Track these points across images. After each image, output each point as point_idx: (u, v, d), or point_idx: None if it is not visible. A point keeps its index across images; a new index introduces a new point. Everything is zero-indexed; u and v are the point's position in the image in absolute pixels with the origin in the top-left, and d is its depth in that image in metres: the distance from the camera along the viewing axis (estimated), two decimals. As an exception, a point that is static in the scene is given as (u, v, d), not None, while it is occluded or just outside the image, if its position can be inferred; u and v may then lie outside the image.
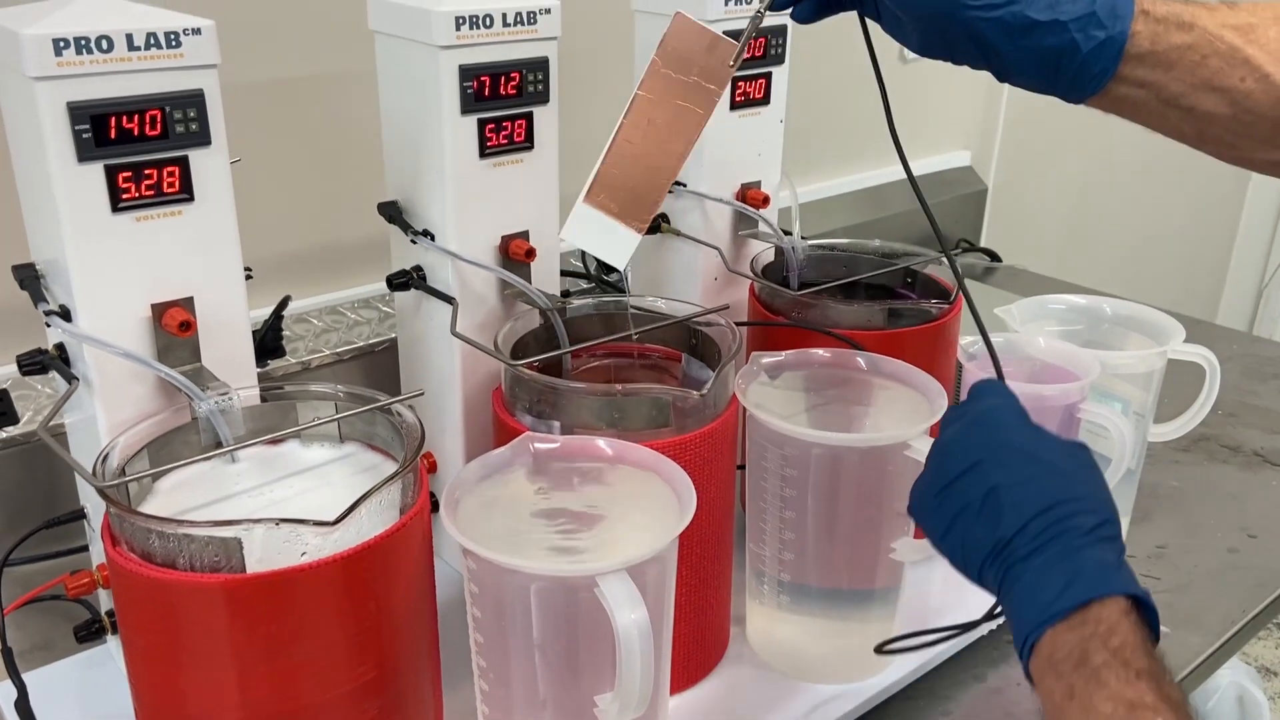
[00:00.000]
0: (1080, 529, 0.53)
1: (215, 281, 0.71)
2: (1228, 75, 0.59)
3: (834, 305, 0.89)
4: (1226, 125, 0.61)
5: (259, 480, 0.68)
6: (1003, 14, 0.59)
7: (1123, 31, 0.59)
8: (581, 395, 0.73)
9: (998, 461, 0.57)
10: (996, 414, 0.60)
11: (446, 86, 0.78)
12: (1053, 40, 0.59)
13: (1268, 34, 0.59)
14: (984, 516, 0.56)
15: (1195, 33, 0.59)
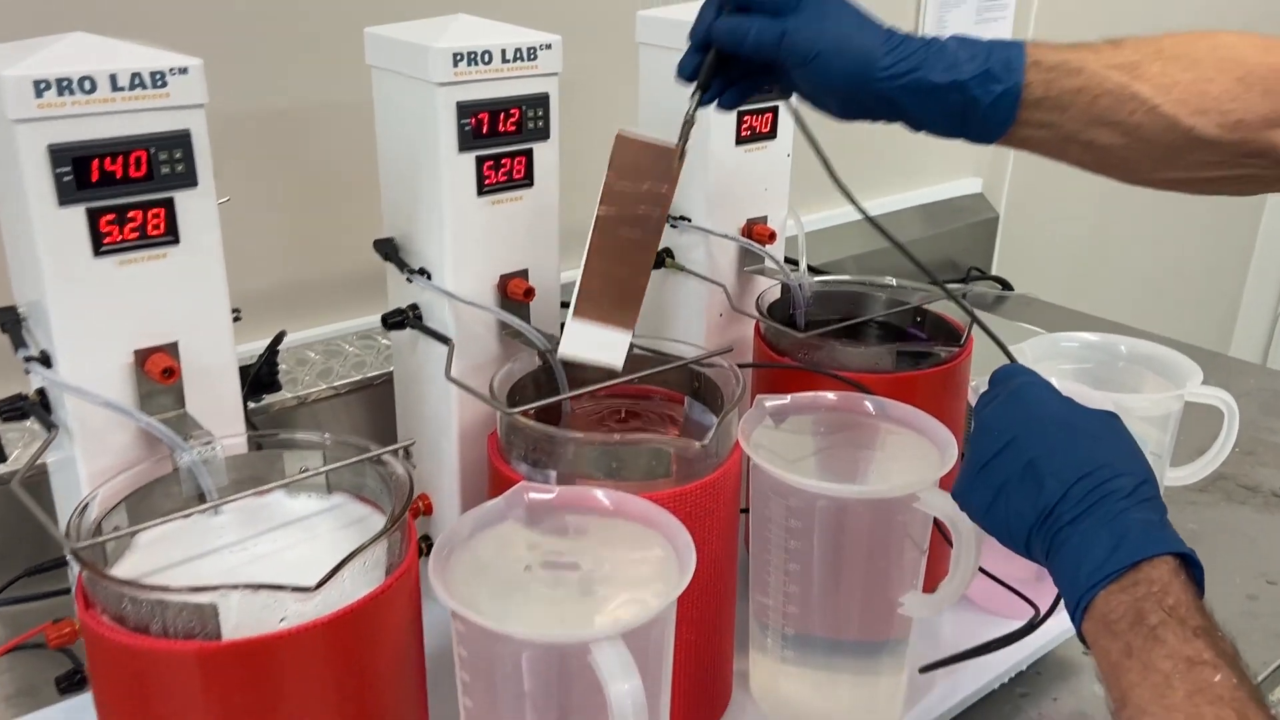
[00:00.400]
0: (1121, 491, 0.55)
1: (201, 325, 0.69)
2: (1118, 111, 0.64)
3: (841, 347, 0.86)
4: (1122, 154, 0.66)
5: (242, 533, 0.65)
6: (907, 81, 0.64)
7: (1017, 83, 0.64)
8: (578, 444, 0.70)
9: (1033, 434, 0.59)
10: (1027, 390, 0.63)
11: (444, 123, 0.76)
12: (956, 98, 0.64)
13: (1151, 69, 0.64)
14: (1025, 488, 0.58)
15: (1085, 76, 0.64)
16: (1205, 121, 0.63)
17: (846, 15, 0.67)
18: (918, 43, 0.66)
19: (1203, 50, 0.65)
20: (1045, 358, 1.03)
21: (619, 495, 0.68)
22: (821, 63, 0.65)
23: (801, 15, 0.66)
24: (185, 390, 0.69)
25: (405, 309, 0.85)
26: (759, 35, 0.66)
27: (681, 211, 0.98)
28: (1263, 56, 0.64)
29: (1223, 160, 0.65)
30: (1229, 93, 0.63)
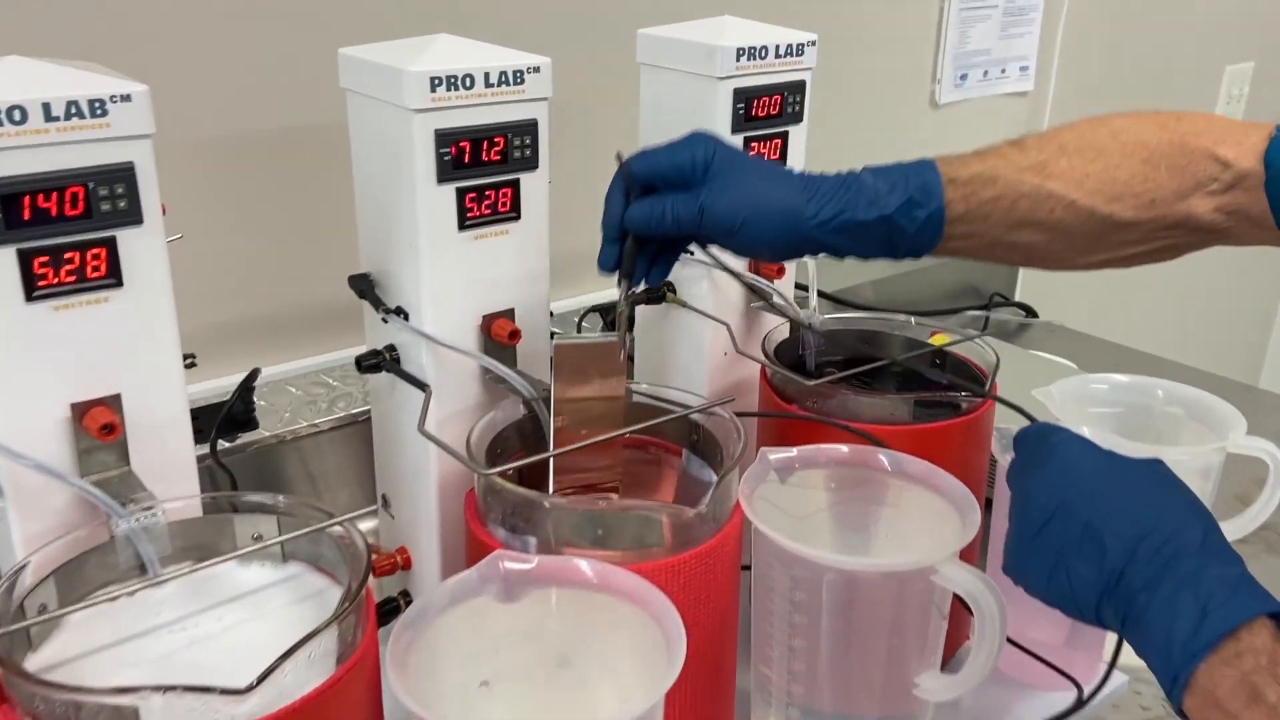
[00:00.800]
0: (1191, 546, 0.52)
1: (148, 375, 0.63)
2: (1038, 211, 0.66)
3: (854, 396, 0.79)
4: (1047, 248, 0.68)
5: (185, 609, 0.59)
6: (836, 225, 0.66)
7: (939, 206, 0.66)
8: (560, 510, 0.64)
9: (1083, 494, 0.57)
10: (1064, 447, 0.60)
11: (420, 152, 0.70)
12: (883, 229, 0.67)
13: (1059, 166, 0.66)
14: (1086, 554, 0.55)
15: (1000, 184, 0.66)
16: (1122, 206, 0.66)
17: (759, 174, 0.67)
18: (834, 182, 0.67)
19: (1104, 138, 0.67)
20: (1073, 401, 0.96)
21: (604, 568, 0.61)
22: (748, 229, 0.66)
23: (715, 185, 0.66)
24: (130, 447, 0.63)
25: (381, 350, 0.79)
26: (678, 215, 0.66)
27: (688, 244, 0.91)
28: (1161, 134, 0.66)
29: (1142, 237, 0.68)
30: (1138, 175, 0.65)
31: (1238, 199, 0.66)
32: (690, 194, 0.67)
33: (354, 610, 0.54)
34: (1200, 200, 0.66)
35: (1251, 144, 0.66)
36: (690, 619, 0.65)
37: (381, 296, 0.78)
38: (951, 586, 0.65)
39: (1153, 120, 0.68)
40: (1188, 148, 0.66)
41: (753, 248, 0.68)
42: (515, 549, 0.65)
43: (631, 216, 0.68)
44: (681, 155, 0.67)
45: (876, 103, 1.54)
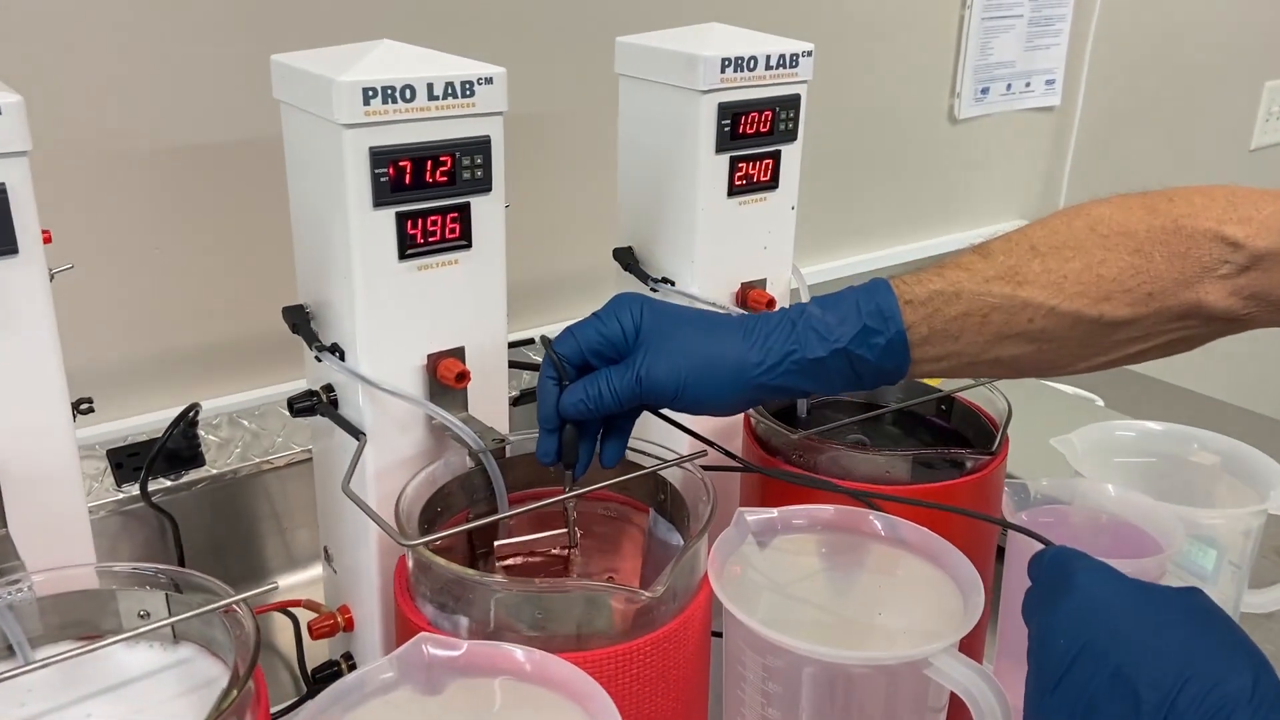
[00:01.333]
0: (1240, 696, 0.46)
1: (27, 423, 0.55)
2: (1014, 323, 0.59)
3: (846, 452, 0.70)
4: (1035, 358, 0.61)
5: (58, 699, 0.51)
6: (787, 367, 0.60)
7: (899, 330, 0.60)
8: (491, 590, 0.55)
9: (1112, 636, 0.50)
10: (1087, 578, 0.53)
11: (352, 173, 0.62)
12: (841, 363, 0.60)
13: (1031, 270, 0.59)
14: (1117, 704, 0.48)
15: (965, 299, 0.59)
16: (1113, 306, 0.58)
17: (695, 328, 0.62)
18: (777, 321, 0.61)
19: (1081, 233, 0.60)
20: (1097, 450, 0.87)
21: (539, 656, 0.53)
22: (691, 389, 0.60)
23: (649, 350, 0.61)
24: (6, 505, 0.55)
25: (318, 391, 0.71)
26: (616, 391, 0.61)
27: (664, 273, 0.83)
28: (1149, 220, 0.59)
29: (1148, 333, 0.60)
30: (1128, 269, 0.58)
31: (1257, 282, 0.58)
32: (625, 365, 0.61)
33: (240, 705, 0.46)
34: (1211, 287, 0.58)
35: (1266, 217, 0.57)
36: (647, 708, 0.57)
37: (317, 331, 0.70)
38: (947, 684, 0.56)
39: (1139, 204, 0.60)
40: (1184, 231, 0.58)
41: (702, 406, 0.61)
42: (444, 630, 0.57)
43: (567, 403, 0.62)
44: (609, 326, 0.62)
45: (890, 117, 1.45)
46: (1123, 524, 0.76)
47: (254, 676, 0.50)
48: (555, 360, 0.62)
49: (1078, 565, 0.53)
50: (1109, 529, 0.77)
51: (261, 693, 0.50)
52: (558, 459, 0.64)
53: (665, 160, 0.80)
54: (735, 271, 0.83)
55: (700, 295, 0.81)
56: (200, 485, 0.94)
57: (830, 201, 1.41)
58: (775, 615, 0.65)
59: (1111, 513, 0.77)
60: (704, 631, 0.61)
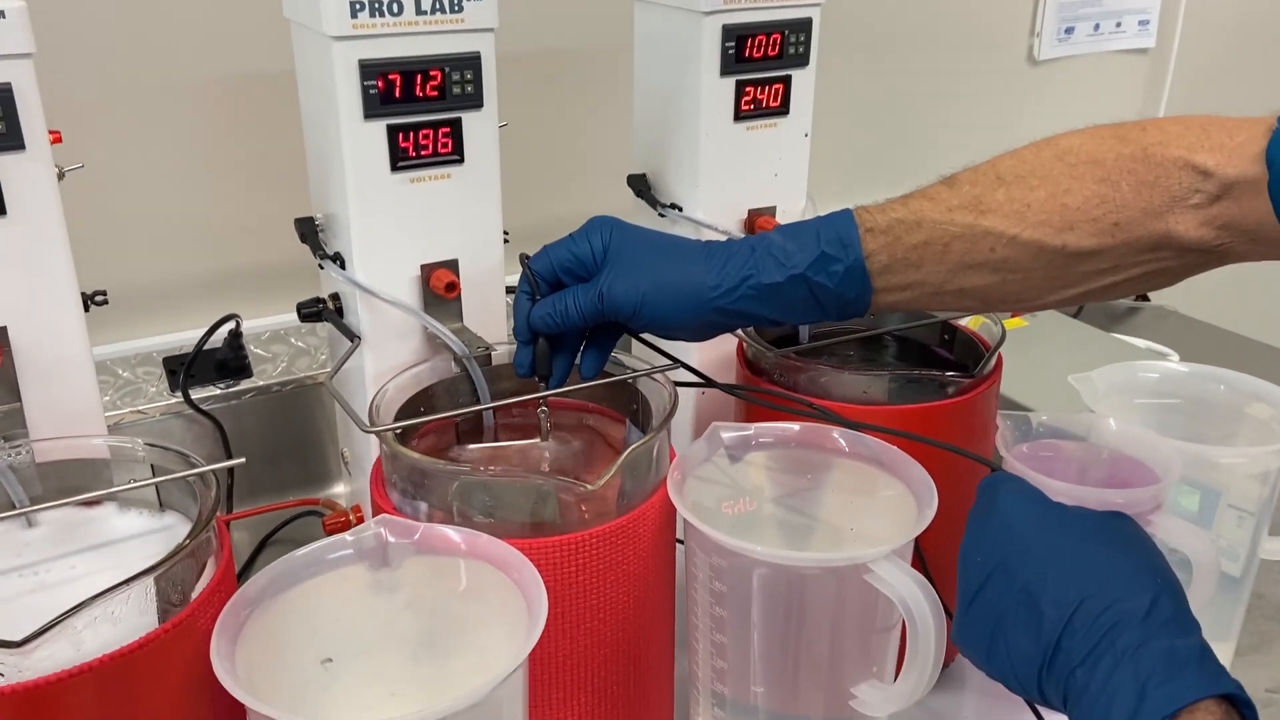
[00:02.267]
0: (1134, 615, 0.47)
1: (40, 308, 0.61)
2: (976, 252, 0.59)
3: (830, 371, 0.71)
4: (1001, 289, 0.60)
5: (49, 552, 0.57)
6: (745, 290, 0.61)
7: (857, 258, 0.60)
8: (446, 477, 0.58)
9: (1023, 555, 0.51)
10: (1009, 504, 0.54)
11: (343, 85, 0.65)
12: (800, 290, 0.60)
13: (994, 199, 0.58)
14: (1023, 622, 0.49)
15: (926, 228, 0.59)
16: (1076, 236, 0.57)
17: (658, 249, 0.63)
18: (739, 247, 0.62)
19: (1048, 162, 0.59)
20: (1116, 391, 0.84)
21: (478, 539, 0.56)
22: (649, 306, 0.61)
23: (613, 269, 0.62)
24: (21, 384, 0.61)
25: (325, 299, 0.75)
26: (580, 307, 0.63)
27: (672, 199, 0.84)
28: (1118, 148, 0.57)
29: (1115, 265, 0.58)
30: (1093, 198, 0.57)
31: (1229, 211, 0.55)
32: (591, 282, 0.63)
33: (182, 563, 0.50)
34: (1181, 217, 0.56)
35: (1239, 144, 0.55)
36: (595, 598, 0.59)
37: (324, 241, 0.74)
38: (883, 588, 0.56)
39: (1110, 134, 0.59)
40: (1154, 159, 0.56)
41: (659, 326, 0.63)
42: (406, 514, 0.61)
43: (536, 316, 0.64)
44: (580, 246, 0.64)
45: (963, 58, 1.41)
46: (1123, 458, 0.74)
47: (216, 532, 0.54)
48: (529, 275, 0.65)
49: (1003, 487, 0.54)
50: (1108, 463, 0.75)
51: (224, 545, 0.55)
52: (531, 371, 0.66)
53: (673, 85, 0.81)
54: (743, 198, 0.84)
55: (706, 221, 0.82)
56: (249, 395, 1.00)
57: (889, 147, 1.38)
58: (742, 526, 0.66)
59: (1113, 447, 0.75)
60: (660, 531, 0.63)
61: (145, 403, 0.96)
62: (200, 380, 0.96)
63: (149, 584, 0.49)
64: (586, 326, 0.64)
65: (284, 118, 1.00)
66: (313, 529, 0.96)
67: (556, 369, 0.66)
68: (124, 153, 0.96)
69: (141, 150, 0.97)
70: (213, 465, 0.55)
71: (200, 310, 1.03)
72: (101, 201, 0.96)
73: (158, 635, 0.49)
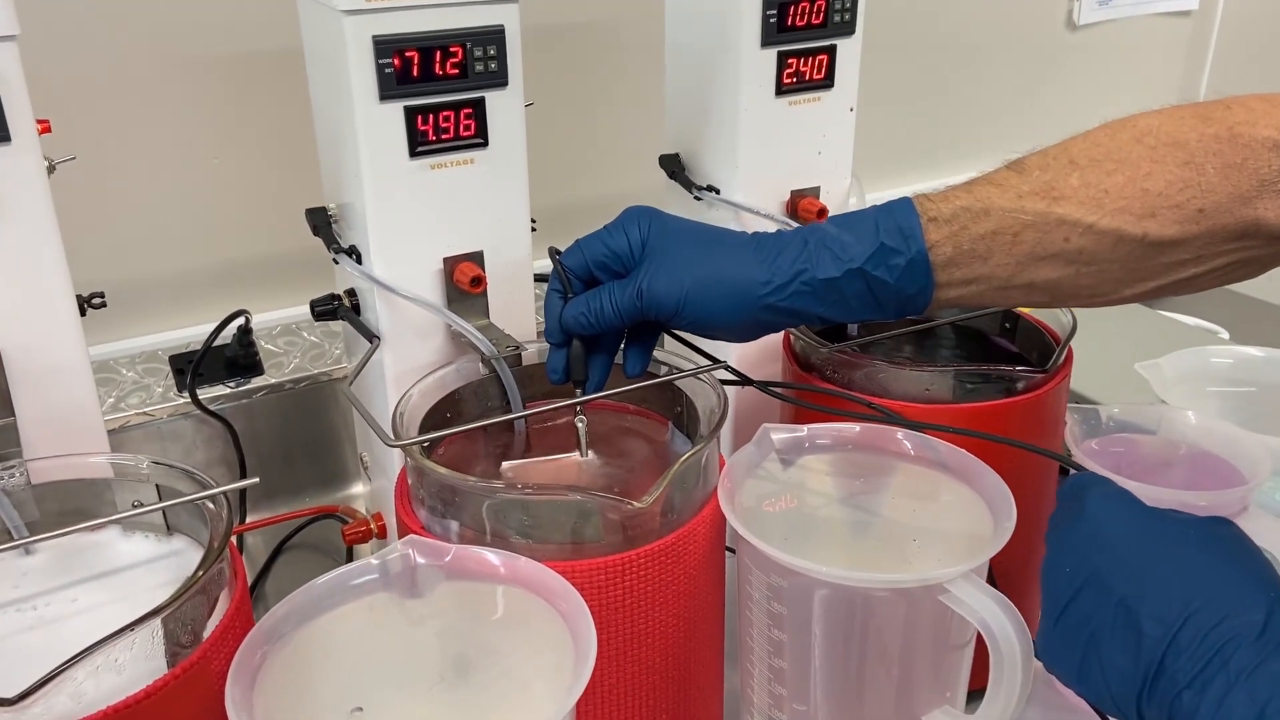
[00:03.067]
0: (1248, 633, 0.42)
1: (32, 313, 0.56)
2: (1049, 242, 0.54)
3: (887, 368, 0.65)
4: (1074, 283, 0.56)
5: (48, 583, 0.52)
6: (798, 287, 0.56)
7: (920, 250, 0.55)
8: (479, 494, 0.53)
9: (1118, 566, 0.46)
10: (1097, 506, 0.49)
11: (356, 64, 0.60)
12: (857, 285, 0.56)
13: (1069, 184, 0.54)
14: (1121, 638, 0.45)
15: (995, 216, 0.55)
16: (1159, 223, 0.53)
17: (701, 241, 0.58)
18: (790, 239, 0.57)
19: (1126, 144, 0.54)
20: (1186, 379, 0.79)
21: (517, 561, 0.51)
22: (693, 304, 0.56)
23: (653, 264, 0.57)
24: (14, 396, 0.56)
25: (340, 295, 0.70)
26: (618, 305, 0.58)
27: (709, 181, 0.78)
28: (1202, 129, 0.53)
29: (1199, 255, 0.54)
30: (1176, 183, 0.53)
31: None
32: (629, 278, 0.58)
33: (192, 599, 0.46)
34: (1271, 202, 0.51)
35: None
36: (643, 623, 0.55)
37: (338, 233, 0.69)
38: (961, 610, 0.51)
39: (1191, 113, 0.54)
40: (1241, 140, 0.52)
41: (703, 325, 0.58)
42: (435, 533, 0.56)
43: (569, 316, 0.59)
44: (615, 239, 0.58)
45: (999, 22, 1.34)
46: (1203, 454, 0.69)
47: (230, 561, 0.50)
48: (561, 273, 0.59)
49: (1092, 491, 0.49)
50: (1187, 460, 0.69)
51: (238, 573, 0.50)
52: (565, 377, 0.61)
53: (709, 58, 0.76)
54: (785, 178, 0.78)
55: (745, 203, 0.76)
56: (261, 394, 0.95)
57: (922, 116, 1.32)
58: (799, 539, 0.61)
59: (1192, 443, 0.69)
60: (710, 547, 0.58)
61: (152, 404, 0.91)
62: (209, 379, 0.91)
63: (156, 625, 0.44)
64: (624, 326, 0.59)
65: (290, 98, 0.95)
66: (330, 531, 0.91)
67: (593, 373, 0.60)
68: (118, 140, 0.91)
69: (137, 137, 0.92)
70: (224, 487, 0.50)
71: (206, 305, 0.99)
72: (95, 194, 0.91)
73: (166, 682, 0.44)
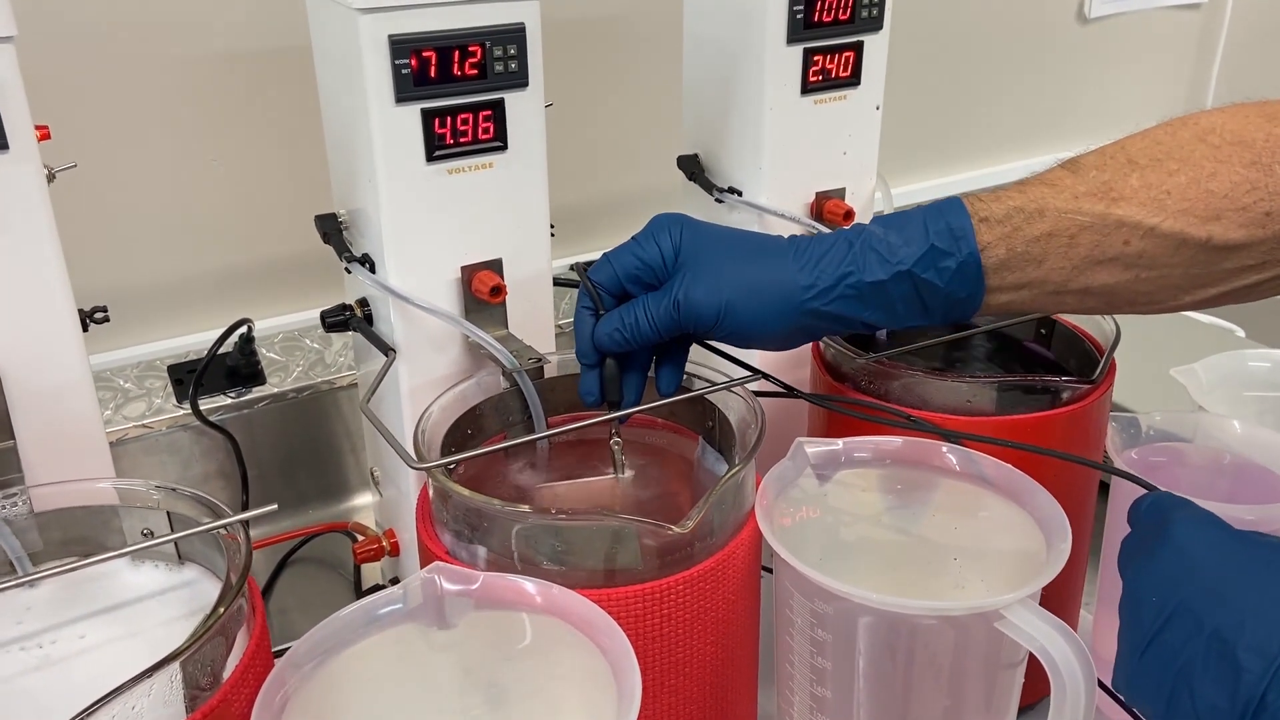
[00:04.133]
0: None
1: (32, 330, 0.53)
2: (1108, 245, 0.52)
3: (923, 378, 0.63)
4: (1131, 288, 0.54)
5: (53, 618, 0.49)
6: (843, 290, 0.54)
7: (972, 252, 0.53)
8: (510, 519, 0.51)
9: (1210, 595, 0.44)
10: (1185, 530, 0.47)
11: (371, 64, 0.57)
12: (905, 288, 0.54)
13: (1128, 185, 0.52)
14: (1215, 671, 0.43)
15: (1050, 217, 0.52)
16: (1223, 226, 0.51)
17: (738, 247, 0.55)
18: (833, 241, 0.54)
19: (1188, 143, 0.52)
20: (1225, 383, 0.77)
21: (554, 591, 0.48)
22: (734, 314, 0.54)
23: (689, 273, 0.55)
24: (14, 418, 0.53)
25: (352, 305, 0.67)
26: (654, 319, 0.55)
27: (730, 183, 0.76)
28: (1269, 128, 0.51)
29: (1265, 261, 0.52)
30: (1242, 184, 0.51)
31: None
32: (663, 290, 0.55)
33: (215, 638, 0.43)
34: None
35: None
36: (681, 651, 0.52)
37: (350, 241, 0.66)
38: (1021, 639, 0.49)
39: (1256, 112, 0.52)
40: None
41: (743, 335, 0.55)
42: (462, 560, 0.53)
43: (602, 333, 0.56)
44: (646, 249, 0.56)
45: (1010, 14, 1.32)
46: (1248, 465, 0.67)
47: (249, 595, 0.47)
48: (590, 289, 0.56)
49: (1176, 514, 0.46)
50: (1231, 471, 0.67)
51: (257, 609, 0.47)
52: (601, 398, 0.58)
53: (731, 55, 0.73)
54: (810, 179, 0.75)
55: (769, 205, 0.74)
56: (263, 404, 0.92)
57: (932, 110, 1.29)
58: (835, 558, 0.59)
59: (1236, 452, 0.67)
60: (749, 571, 0.56)
61: (150, 415, 0.88)
62: (209, 389, 0.88)
63: (175, 669, 0.41)
64: (661, 341, 0.56)
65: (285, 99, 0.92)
66: (336, 545, 0.88)
67: (627, 392, 0.58)
68: (113, 142, 0.88)
69: (131, 138, 0.88)
70: (242, 515, 0.48)
71: (204, 311, 0.95)
72: (91, 198, 0.87)
73: (189, 730, 0.41)
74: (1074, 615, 0.71)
